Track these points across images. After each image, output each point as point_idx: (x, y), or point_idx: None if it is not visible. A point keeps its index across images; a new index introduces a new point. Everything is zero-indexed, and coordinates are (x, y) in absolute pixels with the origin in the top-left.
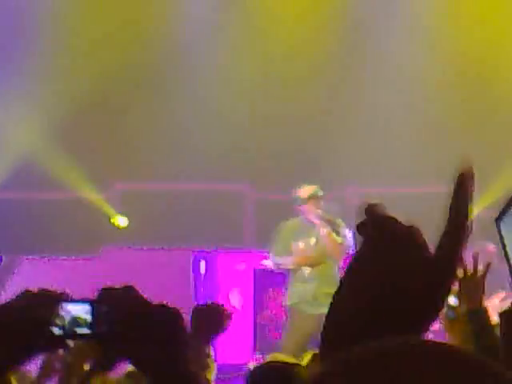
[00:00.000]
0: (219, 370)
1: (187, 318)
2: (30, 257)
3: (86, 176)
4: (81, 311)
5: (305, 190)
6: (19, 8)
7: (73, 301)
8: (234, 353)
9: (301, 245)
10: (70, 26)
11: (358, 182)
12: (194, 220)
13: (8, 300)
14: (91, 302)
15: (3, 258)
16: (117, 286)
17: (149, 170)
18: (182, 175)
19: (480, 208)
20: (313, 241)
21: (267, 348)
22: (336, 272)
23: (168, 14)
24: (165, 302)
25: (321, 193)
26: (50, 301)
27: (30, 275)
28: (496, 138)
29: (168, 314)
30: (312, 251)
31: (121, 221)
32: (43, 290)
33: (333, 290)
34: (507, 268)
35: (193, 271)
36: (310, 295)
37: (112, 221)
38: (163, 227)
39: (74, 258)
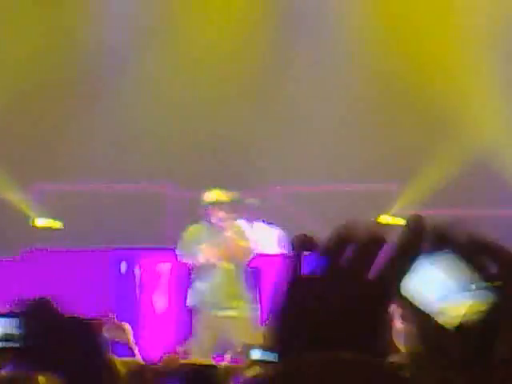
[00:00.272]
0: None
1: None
2: None
3: (5, 176)
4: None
5: (209, 195)
6: None
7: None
8: (154, 351)
9: (203, 247)
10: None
11: (281, 181)
12: (114, 220)
13: None
14: (20, 314)
15: None
16: (31, 299)
17: (69, 171)
18: (102, 176)
19: (402, 205)
20: (215, 243)
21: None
22: (240, 274)
23: (95, 18)
24: (77, 315)
25: (225, 198)
26: None
27: None
28: (417, 141)
29: (80, 328)
30: (215, 253)
31: (40, 222)
32: None
33: (235, 291)
34: None
35: (114, 273)
36: (212, 296)
37: (32, 222)
38: (83, 228)
39: None
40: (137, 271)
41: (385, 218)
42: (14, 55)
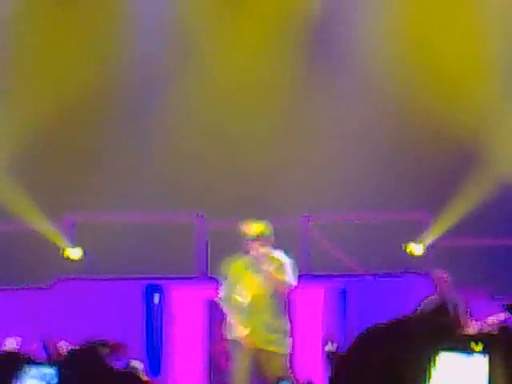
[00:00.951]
0: None
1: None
2: None
3: (38, 207)
4: (44, 374)
5: (251, 228)
6: None
7: (38, 364)
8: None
9: (245, 279)
10: (27, 62)
11: (310, 211)
12: (146, 251)
13: None
14: (57, 365)
15: None
16: (81, 349)
17: (101, 203)
18: (134, 207)
19: (434, 236)
20: (256, 276)
21: (221, 380)
22: (278, 307)
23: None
24: (127, 368)
25: (268, 231)
26: (13, 364)
27: None
28: (444, 168)
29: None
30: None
31: (73, 252)
32: (8, 353)
33: (273, 325)
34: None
35: (145, 302)
36: (251, 329)
37: (64, 252)
38: (116, 258)
39: (25, 289)
40: (167, 301)
41: (413, 246)
42: (48, 91)
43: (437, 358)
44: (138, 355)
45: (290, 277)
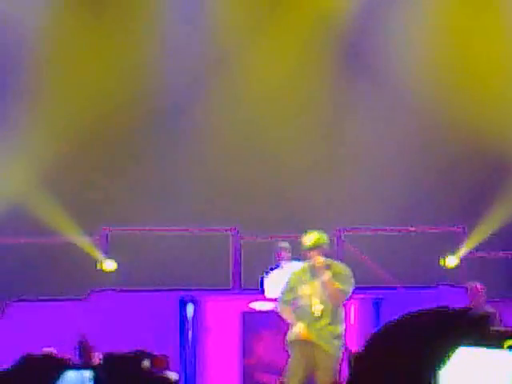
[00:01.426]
0: None
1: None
2: (19, 301)
3: (74, 221)
4: (83, 377)
5: (307, 238)
6: (9, 54)
7: (74, 367)
8: None
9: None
10: (61, 72)
11: (344, 224)
12: (181, 263)
13: (10, 366)
14: (93, 369)
15: None
16: (118, 353)
17: (136, 215)
18: (169, 220)
19: (468, 249)
20: (316, 284)
21: None
22: (335, 314)
23: (163, 58)
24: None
25: (323, 240)
26: (51, 368)
27: (18, 319)
28: (478, 182)
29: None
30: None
31: (109, 265)
32: (46, 355)
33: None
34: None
35: (179, 314)
36: (310, 334)
37: (100, 265)
38: (150, 270)
39: (62, 301)
40: (201, 313)
41: (448, 259)
42: (83, 106)
43: (455, 352)
44: (173, 366)
45: (346, 286)
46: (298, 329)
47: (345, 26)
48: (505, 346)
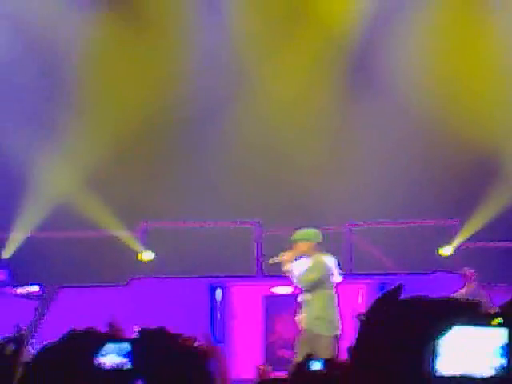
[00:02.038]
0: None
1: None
2: (69, 286)
3: (116, 216)
4: (121, 349)
5: (296, 233)
6: (56, 68)
7: (114, 340)
8: (247, 368)
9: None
10: (104, 84)
11: (353, 218)
12: (210, 253)
13: (57, 340)
14: (131, 341)
15: (44, 287)
16: (153, 327)
17: (171, 211)
18: (200, 214)
19: (462, 239)
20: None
21: (276, 362)
22: (319, 299)
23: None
24: (193, 343)
25: (299, 237)
26: (94, 340)
27: (69, 302)
28: (471, 179)
29: (194, 356)
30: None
31: (146, 255)
32: (88, 329)
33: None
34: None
35: (209, 298)
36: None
37: (139, 255)
38: (183, 260)
39: (105, 287)
40: (228, 297)
41: (445, 250)
42: (123, 110)
43: (448, 331)
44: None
45: (300, 276)
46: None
47: (352, 42)
48: (493, 323)
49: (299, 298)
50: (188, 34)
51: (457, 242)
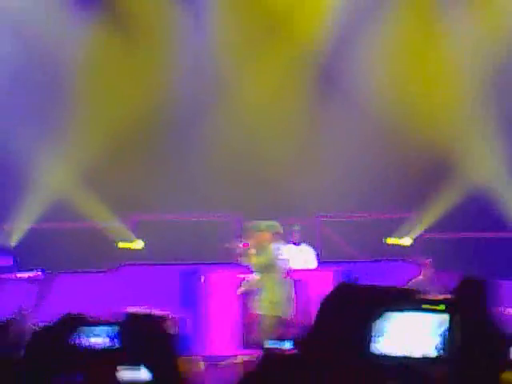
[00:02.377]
0: (213, 359)
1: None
2: (63, 272)
3: (108, 209)
4: (110, 331)
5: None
6: (52, 68)
7: (104, 323)
8: (224, 346)
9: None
10: (97, 88)
11: (322, 211)
12: (193, 243)
13: (53, 323)
14: (119, 324)
15: (43, 273)
16: (138, 312)
17: (159, 204)
18: (184, 207)
19: (420, 231)
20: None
21: (251, 343)
22: (267, 283)
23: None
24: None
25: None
26: (80, 322)
27: (64, 287)
28: (426, 176)
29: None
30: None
31: (135, 244)
32: (81, 314)
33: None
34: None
35: (190, 283)
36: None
37: (127, 244)
38: (168, 249)
39: (97, 273)
40: (206, 282)
41: (399, 239)
42: (115, 111)
43: (388, 315)
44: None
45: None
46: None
47: (320, 52)
48: (424, 307)
49: (252, 283)
50: (173, 42)
51: (415, 232)
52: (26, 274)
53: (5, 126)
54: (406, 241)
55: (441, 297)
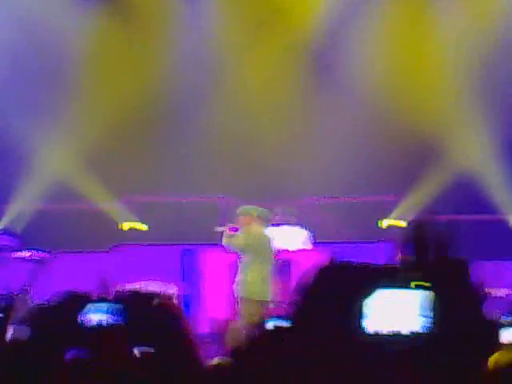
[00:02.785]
0: (203, 337)
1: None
2: (63, 252)
3: (102, 189)
4: (108, 308)
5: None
6: (54, 53)
7: (103, 300)
8: (213, 323)
9: None
10: (100, 72)
11: (313, 192)
12: (186, 223)
13: (54, 300)
14: (116, 301)
15: (42, 252)
16: (129, 290)
17: (155, 186)
18: (179, 189)
19: (401, 213)
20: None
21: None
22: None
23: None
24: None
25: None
26: (85, 300)
27: (63, 266)
28: (412, 160)
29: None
30: None
31: (129, 224)
32: (80, 292)
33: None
34: None
35: (182, 262)
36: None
37: (123, 224)
38: (162, 229)
39: (94, 252)
40: (201, 262)
41: (386, 222)
42: (116, 93)
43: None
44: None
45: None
46: None
47: (315, 41)
48: (412, 285)
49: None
50: (171, 30)
51: (396, 215)
52: (28, 254)
53: (6, 109)
54: (399, 223)
55: (427, 275)
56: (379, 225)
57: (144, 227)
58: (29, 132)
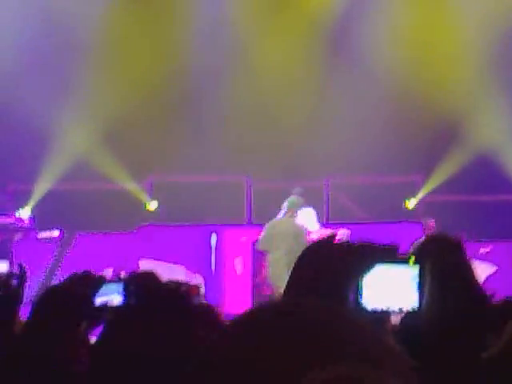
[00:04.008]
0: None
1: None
2: (86, 233)
3: (126, 170)
4: (114, 289)
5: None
6: (83, 36)
7: (110, 281)
8: (236, 306)
9: None
10: (120, 52)
11: (331, 173)
12: (208, 203)
13: (62, 281)
14: (124, 282)
15: (64, 233)
16: (142, 272)
17: (175, 166)
18: (200, 169)
19: (425, 193)
20: None
21: (262, 299)
22: None
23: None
24: (176, 284)
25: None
26: (92, 281)
27: (85, 246)
28: (434, 140)
29: (177, 294)
30: None
31: (152, 205)
32: (87, 273)
33: None
34: None
35: (206, 242)
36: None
37: (145, 205)
38: (184, 209)
39: (116, 233)
40: (222, 242)
41: (411, 202)
42: (135, 74)
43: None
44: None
45: None
46: None
47: (330, 21)
48: (410, 262)
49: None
50: (190, 10)
51: (420, 195)
52: (45, 234)
53: (27, 89)
54: (412, 203)
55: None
56: (406, 205)
57: (155, 207)
58: (48, 111)
